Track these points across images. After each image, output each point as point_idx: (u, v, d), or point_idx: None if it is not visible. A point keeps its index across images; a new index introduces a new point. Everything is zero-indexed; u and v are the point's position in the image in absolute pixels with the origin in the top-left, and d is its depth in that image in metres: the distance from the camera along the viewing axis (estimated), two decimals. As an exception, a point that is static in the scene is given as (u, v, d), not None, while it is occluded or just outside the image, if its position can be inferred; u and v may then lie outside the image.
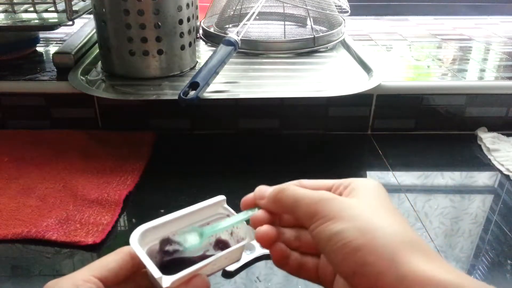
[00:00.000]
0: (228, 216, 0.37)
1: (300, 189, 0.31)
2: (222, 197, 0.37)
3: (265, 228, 0.32)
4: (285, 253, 0.32)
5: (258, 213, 0.33)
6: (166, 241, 0.33)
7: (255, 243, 0.49)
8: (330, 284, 0.31)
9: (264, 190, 0.33)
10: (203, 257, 0.34)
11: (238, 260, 0.35)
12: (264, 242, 0.32)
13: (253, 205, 0.34)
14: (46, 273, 0.45)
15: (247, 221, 0.34)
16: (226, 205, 0.37)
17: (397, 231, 0.26)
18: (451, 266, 0.25)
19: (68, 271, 0.36)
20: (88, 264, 0.30)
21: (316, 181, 0.33)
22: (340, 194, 0.31)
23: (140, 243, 0.31)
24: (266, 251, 0.49)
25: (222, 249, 0.35)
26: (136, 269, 0.31)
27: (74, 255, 0.48)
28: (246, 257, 0.48)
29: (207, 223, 0.36)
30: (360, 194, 0.29)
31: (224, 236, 0.37)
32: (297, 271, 0.33)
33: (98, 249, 0.49)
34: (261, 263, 0.48)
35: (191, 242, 0.33)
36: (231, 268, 0.46)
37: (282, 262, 0.32)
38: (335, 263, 0.27)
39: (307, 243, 0.33)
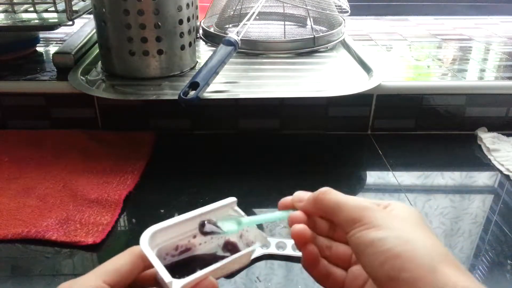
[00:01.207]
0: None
1: (342, 194, 0.32)
2: (233, 199, 0.37)
3: (302, 226, 0.33)
4: (317, 255, 0.33)
5: (296, 212, 0.34)
6: (204, 223, 0.34)
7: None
8: None
9: (303, 194, 0.35)
10: (213, 257, 0.35)
11: (246, 264, 0.36)
12: (299, 240, 0.32)
13: (290, 207, 0.35)
14: (46, 273, 0.45)
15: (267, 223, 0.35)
16: (237, 207, 0.37)
17: (434, 245, 0.28)
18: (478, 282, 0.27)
19: (68, 271, 0.36)
20: (89, 263, 0.30)
21: (353, 196, 0.33)
22: None
23: (150, 245, 0.31)
24: (266, 251, 0.49)
25: (231, 251, 0.36)
26: (145, 270, 0.32)
27: (74, 255, 0.48)
28: None
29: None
30: (401, 212, 0.30)
31: (233, 238, 0.37)
32: (324, 279, 0.33)
33: (98, 249, 0.49)
34: (261, 263, 0.48)
35: (229, 227, 0.34)
36: None
37: (311, 265, 0.33)
38: (372, 267, 0.28)
39: (337, 254, 0.33)
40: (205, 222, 0.35)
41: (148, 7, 0.65)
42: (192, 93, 0.62)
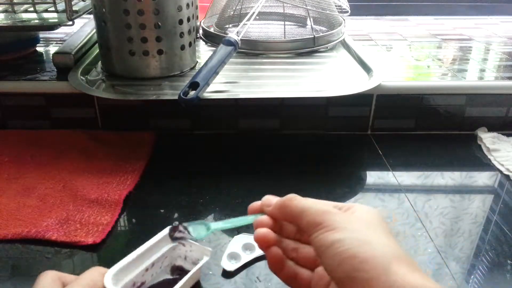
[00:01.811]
0: (184, 245, 0.43)
1: (307, 199, 0.34)
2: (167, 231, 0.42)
3: (265, 230, 0.35)
4: (281, 257, 0.34)
5: (262, 217, 0.36)
6: (175, 228, 0.38)
7: (255, 243, 0.49)
8: None
9: (271, 199, 0.36)
10: (166, 284, 0.42)
11: (198, 279, 0.43)
12: (261, 242, 0.34)
13: (259, 211, 0.37)
14: (46, 273, 0.45)
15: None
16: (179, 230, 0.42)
17: (389, 246, 0.29)
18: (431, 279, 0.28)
19: (68, 271, 0.36)
20: (89, 263, 0.30)
21: (318, 200, 0.35)
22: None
23: (114, 283, 0.35)
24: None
25: (180, 274, 0.43)
26: None
27: (74, 255, 0.48)
28: (246, 257, 0.48)
29: (166, 254, 0.42)
30: (360, 214, 0.32)
31: (179, 262, 0.44)
32: (291, 280, 0.34)
33: (98, 249, 0.49)
34: (261, 263, 0.48)
35: (199, 232, 0.37)
36: (231, 268, 0.46)
37: (276, 266, 0.35)
38: (332, 267, 0.29)
39: (303, 256, 0.35)
40: (176, 227, 0.38)
41: (148, 7, 0.65)
42: (192, 93, 0.62)
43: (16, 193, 0.57)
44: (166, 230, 0.42)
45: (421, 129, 0.76)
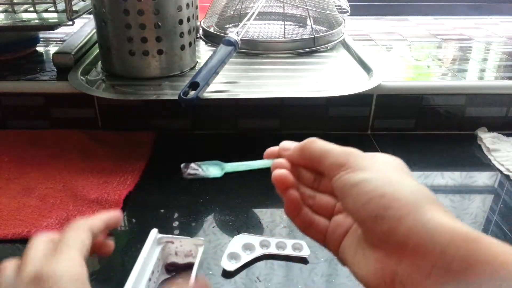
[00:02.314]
0: (172, 242, 0.45)
1: (328, 143, 0.33)
2: (154, 230, 0.45)
3: (284, 171, 0.33)
4: (298, 201, 0.33)
5: (280, 159, 0.34)
6: (188, 165, 0.37)
7: (255, 243, 0.49)
8: (335, 247, 0.32)
9: (289, 143, 0.35)
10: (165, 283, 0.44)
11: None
12: (280, 183, 0.33)
13: (276, 157, 0.35)
14: (46, 273, 0.45)
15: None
16: (160, 235, 0.45)
17: (419, 188, 0.28)
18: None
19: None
20: (89, 263, 0.30)
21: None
22: None
23: None
24: (266, 251, 0.49)
25: (174, 270, 0.45)
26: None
27: (74, 255, 0.48)
28: (246, 257, 0.48)
29: (159, 257, 0.44)
30: (385, 158, 0.31)
31: (171, 259, 0.45)
32: (306, 227, 0.33)
33: (98, 249, 0.49)
34: (261, 263, 0.48)
35: (212, 171, 0.37)
36: (231, 268, 0.46)
37: (293, 210, 0.33)
38: (357, 207, 0.28)
39: (321, 204, 0.34)
40: (189, 164, 0.37)
41: (148, 7, 0.65)
42: (192, 93, 0.62)
43: (16, 193, 0.57)
44: (152, 234, 0.44)
45: (421, 129, 0.76)
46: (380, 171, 0.29)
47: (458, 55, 0.89)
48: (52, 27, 0.74)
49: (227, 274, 0.46)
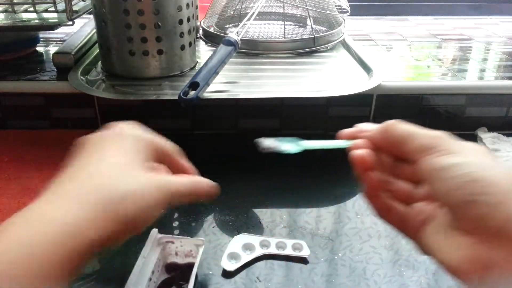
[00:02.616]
0: (172, 242, 0.45)
1: (412, 125, 0.32)
2: (154, 230, 0.45)
3: (365, 151, 0.32)
4: (378, 182, 0.32)
5: (359, 140, 0.33)
6: (263, 140, 0.37)
7: (255, 243, 0.49)
8: (415, 234, 0.31)
9: (368, 125, 0.35)
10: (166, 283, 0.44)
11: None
12: (360, 164, 0.32)
13: (352, 138, 0.35)
14: (46, 273, 0.45)
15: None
16: (160, 235, 0.45)
17: None
18: None
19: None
20: (88, 263, 0.30)
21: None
22: None
23: None
24: (266, 251, 0.49)
25: (175, 270, 0.45)
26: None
27: (74, 255, 0.48)
28: (246, 257, 0.48)
29: (159, 257, 0.44)
30: (472, 145, 0.30)
31: (171, 259, 0.46)
32: (385, 212, 0.33)
33: (98, 249, 0.49)
34: (261, 263, 0.48)
35: (289, 147, 0.37)
36: (231, 268, 0.46)
37: (373, 193, 0.33)
38: (447, 191, 0.27)
39: (399, 190, 0.33)
40: (265, 138, 0.37)
41: (148, 7, 0.65)
42: (192, 93, 0.62)
43: (16, 193, 0.57)
44: (152, 234, 0.44)
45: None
46: (472, 156, 0.28)
47: (458, 55, 0.89)
48: (52, 27, 0.74)
49: (227, 274, 0.46)
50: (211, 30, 0.88)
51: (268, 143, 0.37)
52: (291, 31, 0.87)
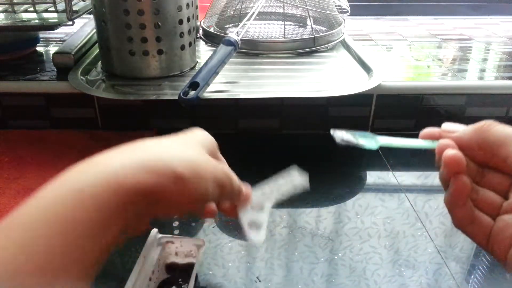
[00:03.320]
0: (172, 242, 0.45)
1: (509, 127, 0.30)
2: (154, 230, 0.45)
3: (458, 152, 0.29)
4: (468, 189, 0.29)
5: (447, 140, 0.31)
6: (340, 132, 0.38)
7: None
8: (502, 250, 0.28)
9: (454, 125, 0.33)
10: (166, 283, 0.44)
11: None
12: (453, 165, 0.29)
13: (436, 138, 0.33)
14: (46, 273, 0.45)
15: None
16: (160, 235, 0.45)
17: None
18: None
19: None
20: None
21: None
22: None
23: None
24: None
25: (175, 271, 0.45)
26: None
27: (74, 255, 0.48)
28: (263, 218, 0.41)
29: (159, 257, 0.44)
30: None
31: (171, 259, 0.46)
32: (467, 223, 0.30)
33: (98, 249, 0.49)
34: (261, 263, 0.48)
35: (367, 142, 0.37)
36: (260, 237, 0.40)
37: (458, 201, 0.29)
38: None
39: (485, 200, 0.30)
40: (341, 130, 0.37)
41: (148, 7, 0.65)
42: (192, 93, 0.62)
43: (16, 193, 0.57)
44: (152, 234, 0.44)
45: (421, 129, 0.76)
46: None
47: (458, 55, 0.89)
48: (52, 27, 0.74)
49: (230, 270, 0.46)
50: (211, 30, 0.88)
51: (346, 137, 0.37)
52: (291, 31, 0.87)
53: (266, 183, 0.43)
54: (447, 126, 0.33)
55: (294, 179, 0.44)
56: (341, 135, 0.37)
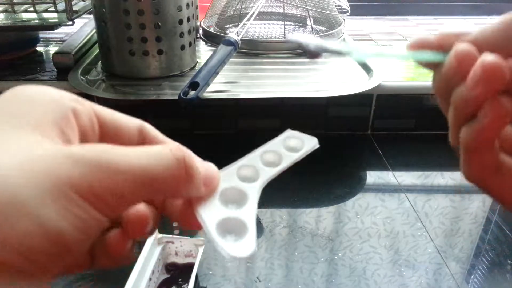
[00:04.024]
0: (172, 242, 0.45)
1: None
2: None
3: (497, 59, 0.19)
4: (505, 120, 0.20)
5: (466, 44, 0.20)
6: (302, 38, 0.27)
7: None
8: None
9: (459, 28, 0.23)
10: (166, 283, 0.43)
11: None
12: (493, 79, 0.19)
13: (435, 48, 0.22)
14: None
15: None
16: (160, 235, 0.44)
17: None
18: None
19: (68, 271, 0.36)
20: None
21: None
22: None
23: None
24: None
25: (175, 271, 0.44)
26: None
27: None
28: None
29: (159, 257, 0.43)
30: None
31: (171, 259, 0.45)
32: (491, 171, 0.22)
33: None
34: (261, 263, 0.48)
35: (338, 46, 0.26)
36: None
37: (494, 133, 0.21)
38: None
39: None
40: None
41: (148, 7, 0.65)
42: (192, 93, 0.62)
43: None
44: (155, 235, 0.44)
45: (421, 129, 0.76)
46: None
47: (458, 55, 0.89)
48: (52, 27, 0.74)
49: (231, 269, 0.46)
50: (211, 30, 0.88)
51: (315, 42, 0.25)
52: (291, 31, 0.87)
53: (246, 154, 0.29)
54: (449, 30, 0.22)
55: (292, 141, 0.30)
56: (304, 40, 0.26)
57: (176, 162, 0.20)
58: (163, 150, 0.20)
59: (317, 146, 0.29)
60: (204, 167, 0.23)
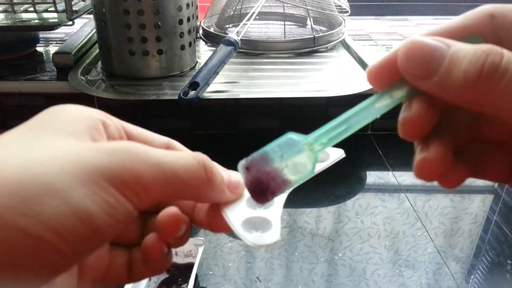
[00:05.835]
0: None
1: None
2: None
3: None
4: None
5: (419, 36, 0.19)
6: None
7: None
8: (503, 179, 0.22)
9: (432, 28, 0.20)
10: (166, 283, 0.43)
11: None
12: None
13: (393, 79, 0.20)
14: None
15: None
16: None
17: None
18: None
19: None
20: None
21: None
22: None
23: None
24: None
25: (175, 271, 0.44)
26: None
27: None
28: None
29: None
30: None
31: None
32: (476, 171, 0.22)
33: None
34: (261, 263, 0.48)
35: (301, 172, 0.24)
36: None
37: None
38: None
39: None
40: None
41: (148, 7, 0.65)
42: (192, 93, 0.62)
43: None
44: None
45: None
46: None
47: (458, 55, 0.89)
48: (52, 27, 0.74)
49: (230, 271, 0.46)
50: (211, 30, 0.88)
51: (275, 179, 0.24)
52: (291, 31, 0.87)
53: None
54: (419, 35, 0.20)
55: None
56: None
57: (197, 164, 0.22)
58: (186, 153, 0.23)
59: (344, 155, 0.29)
60: (227, 173, 0.25)
